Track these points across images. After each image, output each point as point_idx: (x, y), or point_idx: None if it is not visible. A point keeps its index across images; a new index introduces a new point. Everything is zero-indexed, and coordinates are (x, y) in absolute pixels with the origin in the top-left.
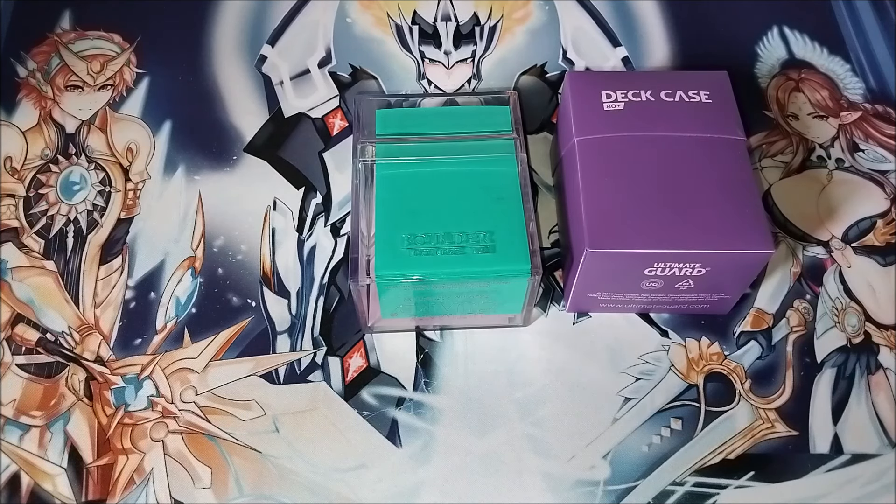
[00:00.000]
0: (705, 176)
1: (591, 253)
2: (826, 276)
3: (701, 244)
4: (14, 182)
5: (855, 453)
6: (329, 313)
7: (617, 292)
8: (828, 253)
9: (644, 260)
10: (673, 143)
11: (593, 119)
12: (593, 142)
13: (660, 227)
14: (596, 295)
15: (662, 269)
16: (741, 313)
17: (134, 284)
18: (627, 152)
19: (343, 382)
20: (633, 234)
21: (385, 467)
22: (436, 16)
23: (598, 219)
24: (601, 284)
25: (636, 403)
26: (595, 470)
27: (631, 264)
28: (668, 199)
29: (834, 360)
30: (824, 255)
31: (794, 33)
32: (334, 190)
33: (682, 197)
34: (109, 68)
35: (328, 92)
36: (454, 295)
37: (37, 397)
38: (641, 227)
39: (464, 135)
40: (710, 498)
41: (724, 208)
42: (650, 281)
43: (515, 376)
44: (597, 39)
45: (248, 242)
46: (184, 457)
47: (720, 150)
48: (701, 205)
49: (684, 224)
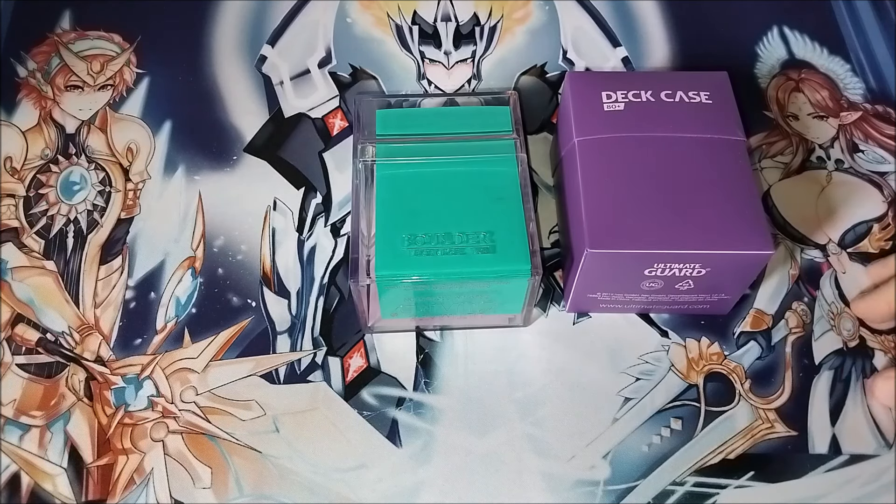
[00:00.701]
0: (705, 176)
1: (591, 253)
2: (822, 280)
3: (701, 245)
4: (14, 182)
5: (853, 454)
6: (329, 313)
7: (617, 292)
8: (824, 257)
9: (644, 260)
10: (673, 143)
11: (593, 119)
12: (593, 142)
13: (660, 227)
14: (596, 295)
15: (662, 269)
16: (741, 314)
17: (134, 284)
18: (627, 153)
19: (343, 382)
20: (634, 234)
21: (385, 467)
22: (436, 16)
23: (598, 219)
24: (601, 285)
25: (636, 403)
26: (595, 470)
27: (631, 265)
28: (668, 200)
29: (831, 362)
30: (821, 259)
31: (794, 33)
32: (334, 190)
33: (682, 197)
34: (109, 68)
35: (328, 92)
36: (454, 295)
37: (37, 397)
38: (641, 227)
39: (464, 135)
40: (709, 498)
41: (724, 209)
42: (650, 281)
43: (515, 376)
44: (597, 39)
45: (248, 242)
46: (184, 457)
47: (720, 151)
48: (701, 205)
49: (684, 225)
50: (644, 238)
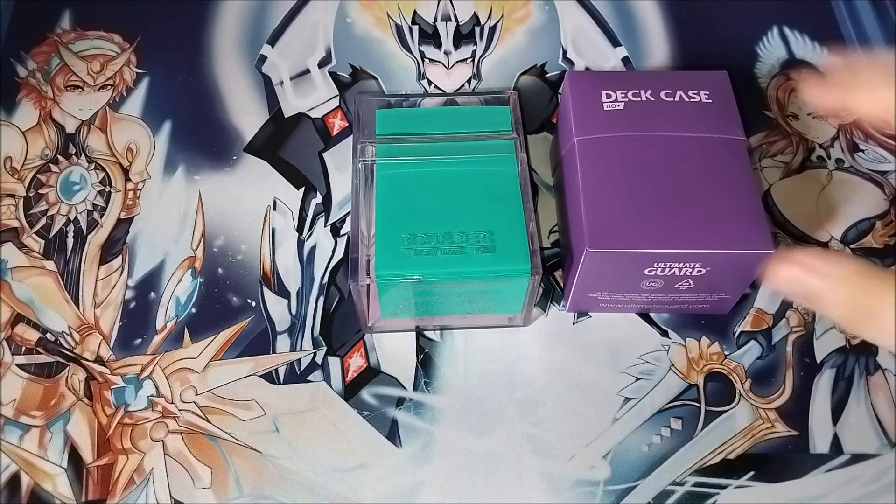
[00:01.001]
0: (705, 176)
1: (591, 253)
2: None
3: (701, 244)
4: (14, 182)
5: (854, 453)
6: (329, 313)
7: (617, 292)
8: None
9: (644, 260)
10: (673, 142)
11: (593, 119)
12: (593, 142)
13: (660, 227)
14: (596, 295)
15: (662, 268)
16: (741, 313)
17: (134, 284)
18: (627, 152)
19: (343, 382)
20: (633, 234)
21: (385, 467)
22: (436, 16)
23: (598, 219)
24: (601, 284)
25: (636, 403)
26: (595, 470)
27: (631, 264)
28: (669, 199)
29: (833, 360)
30: None
31: (794, 33)
32: (334, 190)
33: (682, 197)
34: (109, 68)
35: (328, 92)
36: (454, 295)
37: (37, 397)
38: (641, 227)
39: (464, 135)
40: (710, 498)
41: (725, 208)
42: (650, 281)
43: (515, 376)
44: (597, 39)
45: (248, 242)
46: (184, 457)
47: (720, 150)
48: (701, 205)
49: (684, 224)
50: (644, 237)
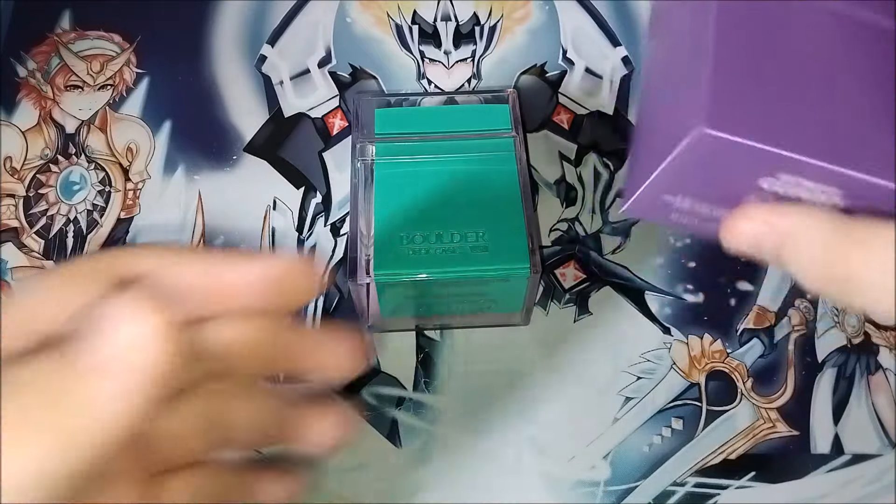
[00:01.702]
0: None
1: (706, 135)
2: None
3: (859, 167)
4: (14, 182)
5: (856, 453)
6: (329, 313)
7: (705, 201)
8: None
9: (771, 164)
10: (838, 24)
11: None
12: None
13: (806, 129)
14: (674, 199)
15: (785, 185)
16: (744, 310)
17: None
18: (783, 26)
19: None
20: (770, 126)
21: (385, 467)
22: (436, 16)
23: (727, 93)
24: (690, 185)
25: (637, 403)
26: (595, 470)
27: (749, 167)
28: (827, 100)
29: (834, 359)
30: None
31: None
32: (334, 190)
33: (847, 102)
34: (109, 68)
35: (328, 92)
36: (454, 294)
37: None
38: (782, 121)
39: (463, 133)
40: (710, 498)
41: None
42: (757, 197)
43: (515, 376)
44: (597, 39)
45: (248, 242)
46: None
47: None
48: (867, 116)
49: (841, 135)
50: (783, 135)
